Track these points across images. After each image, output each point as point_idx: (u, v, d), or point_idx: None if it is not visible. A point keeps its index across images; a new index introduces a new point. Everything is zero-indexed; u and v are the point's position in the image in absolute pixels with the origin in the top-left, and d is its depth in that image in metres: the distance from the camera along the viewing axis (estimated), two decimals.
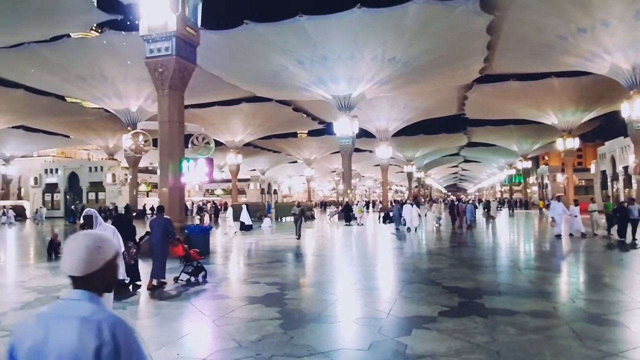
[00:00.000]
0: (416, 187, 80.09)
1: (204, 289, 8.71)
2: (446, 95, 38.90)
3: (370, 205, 43.96)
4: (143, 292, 8.47)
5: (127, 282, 8.27)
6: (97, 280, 1.59)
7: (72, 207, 41.23)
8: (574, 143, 41.43)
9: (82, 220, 4.68)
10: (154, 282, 8.76)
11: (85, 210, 4.55)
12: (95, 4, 22.35)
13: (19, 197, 55.98)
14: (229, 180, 56.84)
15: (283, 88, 34.25)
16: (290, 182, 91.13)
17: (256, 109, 42.77)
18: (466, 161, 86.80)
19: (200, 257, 9.77)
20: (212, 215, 32.69)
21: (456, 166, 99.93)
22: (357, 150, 45.57)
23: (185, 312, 7.07)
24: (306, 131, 65.24)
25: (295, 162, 73.98)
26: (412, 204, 22.26)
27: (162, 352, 5.08)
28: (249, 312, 6.79)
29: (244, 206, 25.07)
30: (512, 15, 23.31)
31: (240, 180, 58.48)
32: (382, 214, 31.37)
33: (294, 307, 7.15)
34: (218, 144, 29.75)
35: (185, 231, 13.46)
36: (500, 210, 43.99)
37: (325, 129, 53.41)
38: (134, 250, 8.77)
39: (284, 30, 25.37)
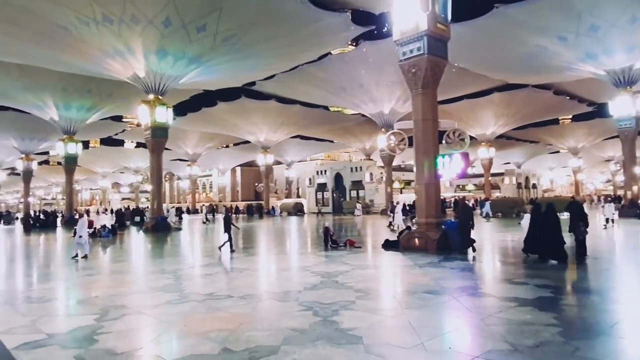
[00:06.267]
0: None
1: (465, 285, 8.55)
2: None
3: None
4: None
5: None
6: None
7: (340, 202, 47.08)
8: None
9: None
10: None
11: None
12: (351, 19, 24.64)
13: (298, 196, 67.00)
14: (481, 175, 54.73)
15: (541, 71, 30.94)
16: (552, 175, 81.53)
17: (509, 98, 39.92)
18: None
19: None
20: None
21: None
22: None
23: (449, 306, 7.08)
24: (570, 116, 57.13)
25: (557, 152, 65.93)
26: None
27: (434, 343, 5.21)
28: (520, 315, 6.32)
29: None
30: None
31: (493, 175, 55.64)
32: None
33: (574, 315, 6.34)
34: None
35: (442, 227, 13.54)
36: None
37: (595, 112, 45.86)
38: (583, 229, 11.24)
39: (541, 6, 22.83)
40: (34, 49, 24.38)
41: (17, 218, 45.82)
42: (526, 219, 24.20)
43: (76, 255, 13.73)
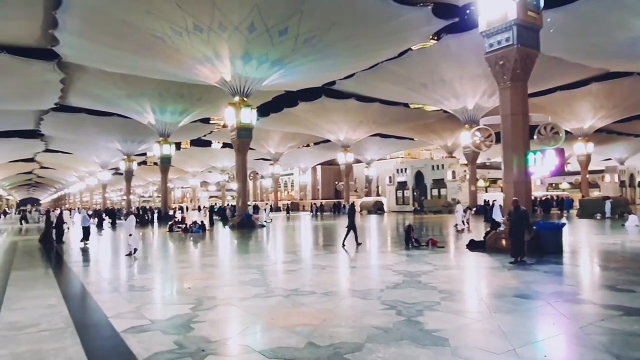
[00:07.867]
0: None
1: (561, 291, 7.98)
2: None
3: None
4: None
5: None
6: None
7: (421, 200, 46.18)
8: None
9: None
10: None
11: None
12: (432, 13, 23.91)
13: (378, 194, 66.54)
14: (577, 173, 50.70)
15: None
16: None
17: (610, 88, 36.51)
18: None
19: None
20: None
21: None
22: None
23: (543, 312, 6.66)
24: None
25: None
26: None
27: (527, 350, 4.93)
28: (625, 324, 5.79)
29: (495, 202, 20.92)
30: None
31: (591, 172, 51.30)
32: None
33: None
34: None
35: (534, 227, 12.74)
36: None
37: None
38: None
39: None
40: (135, 59, 26.69)
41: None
42: (631, 220, 22.09)
43: (129, 253, 14.16)
